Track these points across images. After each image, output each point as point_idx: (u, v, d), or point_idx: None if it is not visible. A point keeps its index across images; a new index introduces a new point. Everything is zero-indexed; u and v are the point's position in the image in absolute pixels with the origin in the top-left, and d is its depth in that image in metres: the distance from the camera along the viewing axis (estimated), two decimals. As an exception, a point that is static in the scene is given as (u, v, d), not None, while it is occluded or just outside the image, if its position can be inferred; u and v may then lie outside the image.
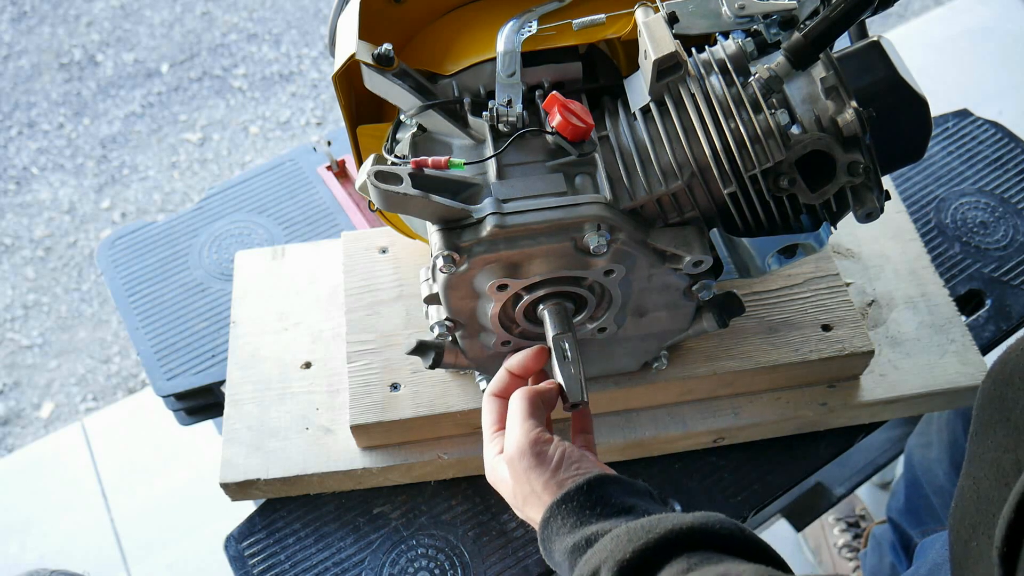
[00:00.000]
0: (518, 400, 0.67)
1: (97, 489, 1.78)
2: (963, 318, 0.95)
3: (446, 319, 0.75)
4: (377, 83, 0.73)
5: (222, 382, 0.97)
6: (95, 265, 2.17)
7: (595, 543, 0.57)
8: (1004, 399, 0.63)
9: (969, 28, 2.49)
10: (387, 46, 0.73)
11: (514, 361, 0.71)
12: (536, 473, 0.64)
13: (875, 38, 0.68)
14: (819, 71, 0.66)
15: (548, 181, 0.70)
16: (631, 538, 0.55)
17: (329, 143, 1.23)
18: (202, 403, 1.05)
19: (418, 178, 0.67)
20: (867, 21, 0.75)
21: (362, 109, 0.81)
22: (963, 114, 1.20)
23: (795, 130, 0.66)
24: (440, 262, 0.67)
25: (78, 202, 2.34)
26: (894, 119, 0.67)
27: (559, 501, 0.62)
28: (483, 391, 0.83)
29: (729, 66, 0.68)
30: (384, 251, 0.96)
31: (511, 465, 0.65)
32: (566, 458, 0.64)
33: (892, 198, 0.86)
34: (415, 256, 0.95)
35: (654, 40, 0.67)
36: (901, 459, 1.33)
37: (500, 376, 0.72)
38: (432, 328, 0.76)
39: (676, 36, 0.68)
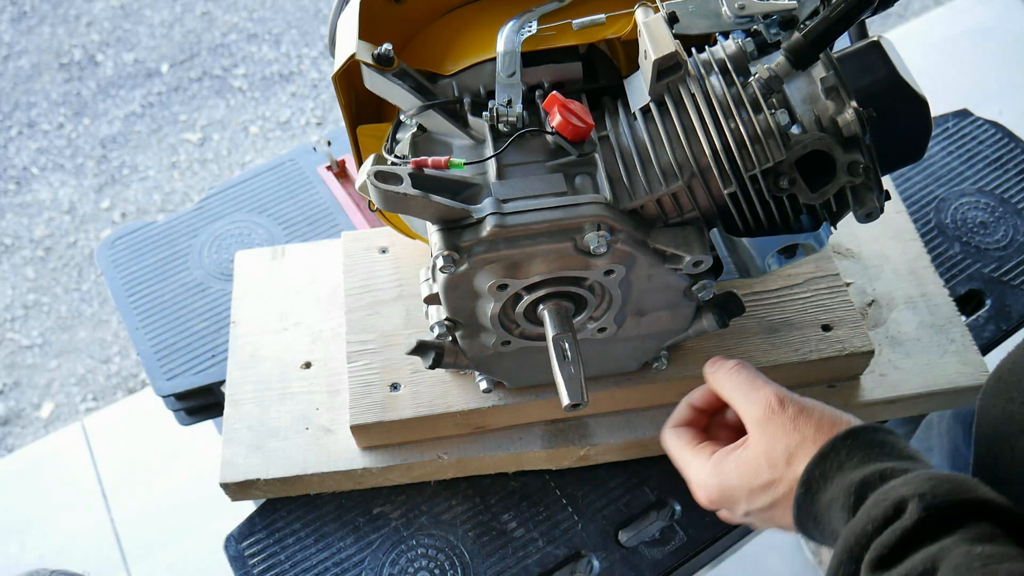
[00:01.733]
0: (743, 370, 0.65)
1: (97, 489, 1.78)
2: (963, 318, 0.95)
3: (446, 319, 0.75)
4: (377, 83, 0.73)
5: (222, 382, 0.97)
6: (95, 265, 2.17)
7: (893, 477, 0.54)
8: (1010, 414, 0.63)
9: (969, 28, 2.49)
10: (387, 46, 0.73)
11: (697, 395, 0.72)
12: (804, 417, 0.60)
13: (875, 38, 0.68)
14: (819, 71, 0.66)
15: (548, 181, 0.70)
16: (941, 482, 0.51)
17: (329, 143, 1.23)
18: (202, 403, 1.05)
19: (418, 178, 0.67)
20: (867, 21, 0.75)
21: (362, 109, 0.81)
22: (963, 114, 1.20)
23: (795, 130, 0.66)
24: (440, 262, 0.67)
25: (78, 202, 2.34)
26: (894, 119, 0.67)
27: (844, 435, 0.58)
28: (484, 391, 0.83)
29: (729, 66, 0.68)
30: (384, 251, 0.96)
31: (768, 422, 0.61)
32: (827, 407, 0.61)
33: (892, 198, 0.86)
34: (415, 256, 0.95)
35: (654, 40, 0.67)
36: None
37: (681, 409, 0.72)
38: (432, 328, 0.76)
39: (676, 36, 0.68)
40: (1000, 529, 0.50)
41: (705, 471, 0.66)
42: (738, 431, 0.70)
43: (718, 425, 0.74)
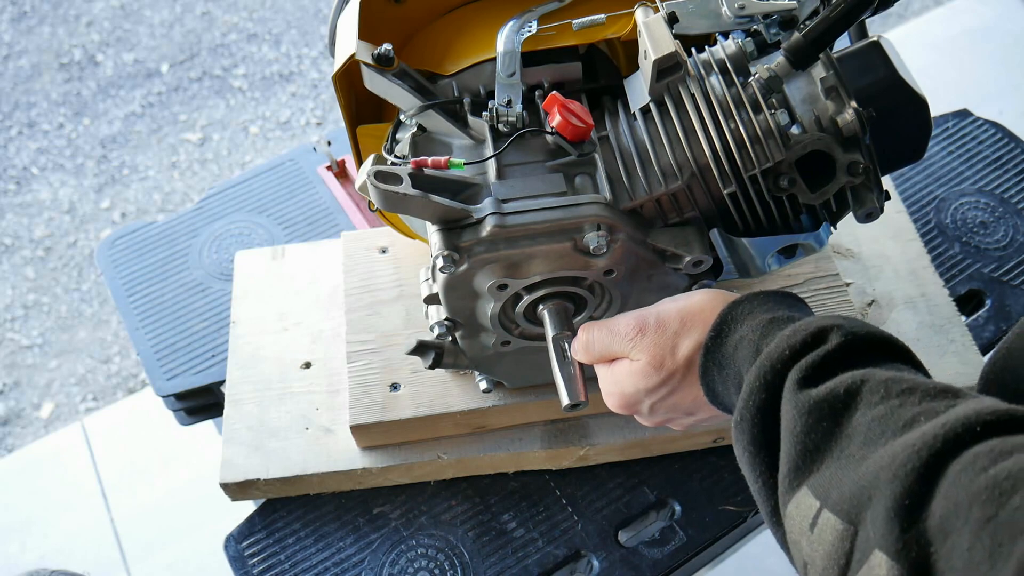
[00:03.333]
0: (591, 329, 0.67)
1: (97, 489, 1.78)
2: (963, 318, 0.95)
3: (446, 319, 0.75)
4: (377, 83, 0.73)
5: (222, 382, 0.97)
6: (95, 265, 2.17)
7: (801, 319, 0.55)
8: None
9: (969, 28, 2.49)
10: (387, 46, 0.73)
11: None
12: (666, 320, 0.62)
13: (875, 38, 0.68)
14: (819, 71, 0.66)
15: (548, 181, 0.70)
16: (855, 320, 0.53)
17: (329, 143, 1.23)
18: (202, 403, 1.05)
19: (418, 178, 0.67)
20: (867, 21, 0.75)
21: (362, 109, 0.81)
22: (963, 114, 1.20)
23: (795, 130, 0.66)
24: (440, 262, 0.67)
25: (78, 202, 2.34)
26: (894, 119, 0.67)
27: (747, 296, 0.60)
28: (484, 391, 0.83)
29: (729, 66, 0.68)
30: (384, 251, 0.96)
31: (639, 344, 0.63)
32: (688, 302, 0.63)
33: (892, 198, 0.86)
34: (415, 256, 0.95)
35: (654, 40, 0.67)
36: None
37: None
38: (432, 328, 0.76)
39: (676, 36, 0.68)
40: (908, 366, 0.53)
41: (610, 385, 0.67)
42: None
43: None
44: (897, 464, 0.44)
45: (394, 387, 0.86)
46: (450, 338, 0.78)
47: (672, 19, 0.69)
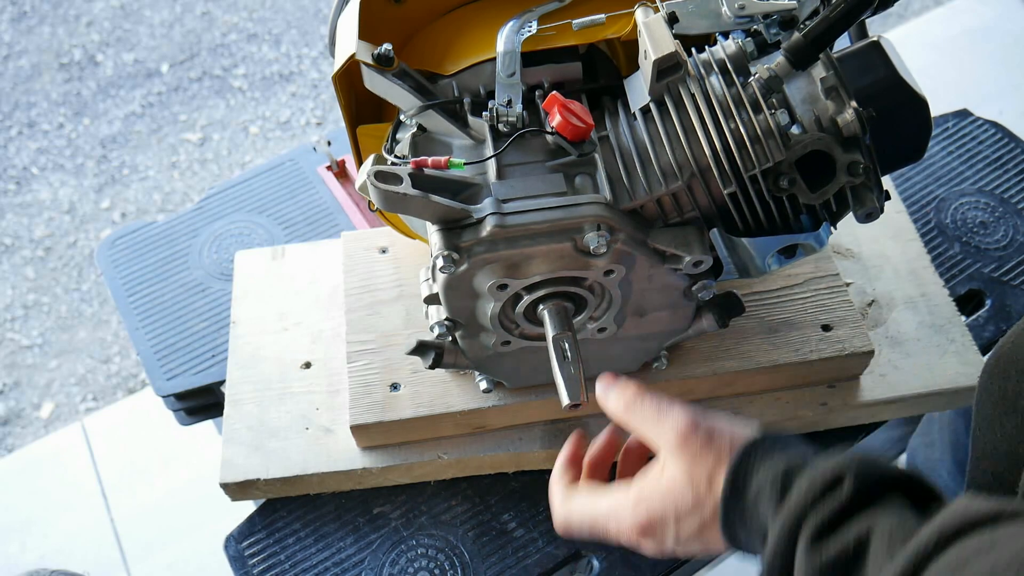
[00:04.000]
0: (646, 398, 0.64)
1: (97, 489, 1.78)
2: (963, 318, 0.95)
3: (446, 319, 0.75)
4: (377, 83, 0.73)
5: (222, 382, 0.97)
6: (95, 265, 2.17)
7: (817, 464, 0.55)
8: (1005, 392, 0.63)
9: (969, 28, 2.49)
10: (387, 46, 0.73)
11: (568, 450, 0.71)
12: (716, 437, 0.60)
13: (875, 38, 0.68)
14: (819, 71, 0.66)
15: (548, 181, 0.70)
16: (864, 459, 0.54)
17: (329, 143, 1.23)
18: (202, 403, 1.05)
19: (418, 178, 0.67)
20: (867, 21, 0.75)
21: (362, 109, 0.81)
22: (963, 114, 1.20)
23: (795, 130, 0.66)
24: (440, 262, 0.67)
25: (78, 202, 2.34)
26: (894, 119, 0.67)
27: (761, 437, 0.59)
28: (484, 391, 0.83)
29: (729, 66, 0.68)
30: (384, 251, 0.96)
31: (684, 447, 0.60)
32: (734, 424, 0.62)
33: (892, 198, 0.86)
34: (415, 256, 0.95)
35: (654, 40, 0.67)
36: (902, 459, 1.33)
37: (562, 467, 0.71)
38: (432, 328, 0.76)
39: (676, 36, 0.68)
40: (913, 501, 0.53)
41: (629, 504, 0.63)
42: (636, 457, 0.71)
43: (596, 465, 0.72)
44: None
45: (394, 387, 0.86)
46: (450, 338, 0.78)
47: (672, 19, 0.69)
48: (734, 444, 0.59)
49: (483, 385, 0.83)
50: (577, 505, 0.67)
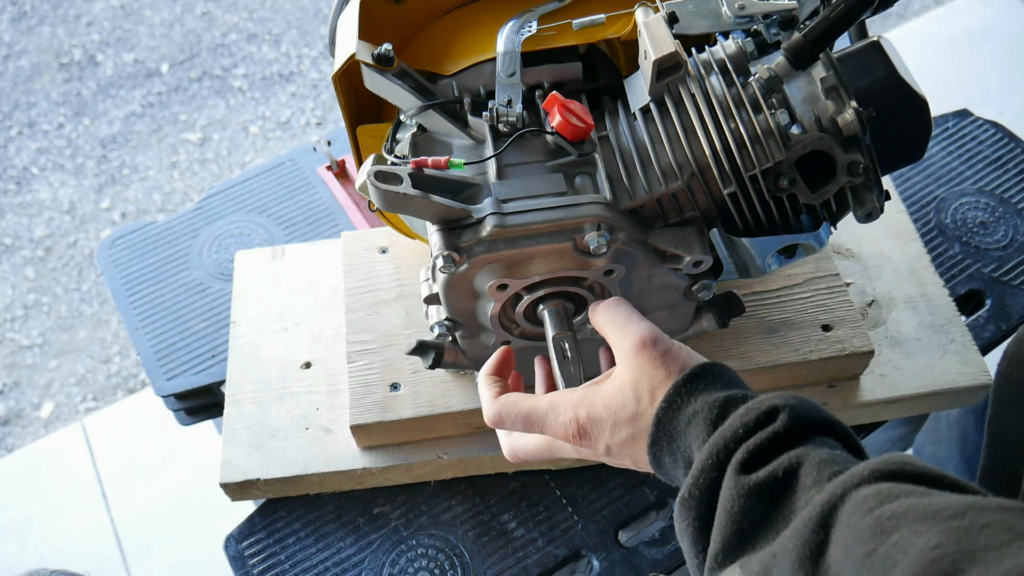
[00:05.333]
0: (621, 305, 0.64)
1: (97, 489, 1.78)
2: (963, 318, 0.95)
3: (446, 319, 0.75)
4: (377, 83, 0.73)
5: (222, 382, 0.97)
6: (95, 265, 2.17)
7: (758, 398, 0.55)
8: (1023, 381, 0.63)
9: (969, 28, 2.49)
10: (387, 46, 0.73)
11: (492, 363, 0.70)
12: (671, 356, 0.60)
13: (875, 38, 0.68)
14: (819, 71, 0.66)
15: (548, 181, 0.70)
16: (802, 400, 0.54)
17: (329, 143, 1.23)
18: (202, 403, 1.05)
19: (418, 178, 0.67)
20: (867, 21, 0.75)
21: (362, 109, 0.81)
22: (963, 114, 1.20)
23: (795, 130, 0.66)
24: (440, 262, 0.67)
25: (78, 202, 2.34)
26: (894, 119, 0.67)
27: (708, 364, 0.59)
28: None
29: (729, 66, 0.68)
30: (384, 251, 0.96)
31: (637, 355, 0.60)
32: (692, 351, 0.62)
33: (892, 198, 0.86)
34: (415, 256, 0.95)
35: (654, 40, 0.67)
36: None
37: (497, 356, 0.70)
38: (432, 328, 0.76)
39: (676, 36, 0.68)
40: (845, 447, 0.54)
41: (572, 402, 0.63)
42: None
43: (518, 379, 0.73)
44: (800, 521, 0.46)
45: (394, 387, 0.86)
46: (450, 338, 0.78)
47: (672, 19, 0.69)
48: (685, 366, 0.60)
49: (483, 385, 0.83)
50: (512, 399, 0.66)
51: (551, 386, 0.72)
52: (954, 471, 1.12)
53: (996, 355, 0.98)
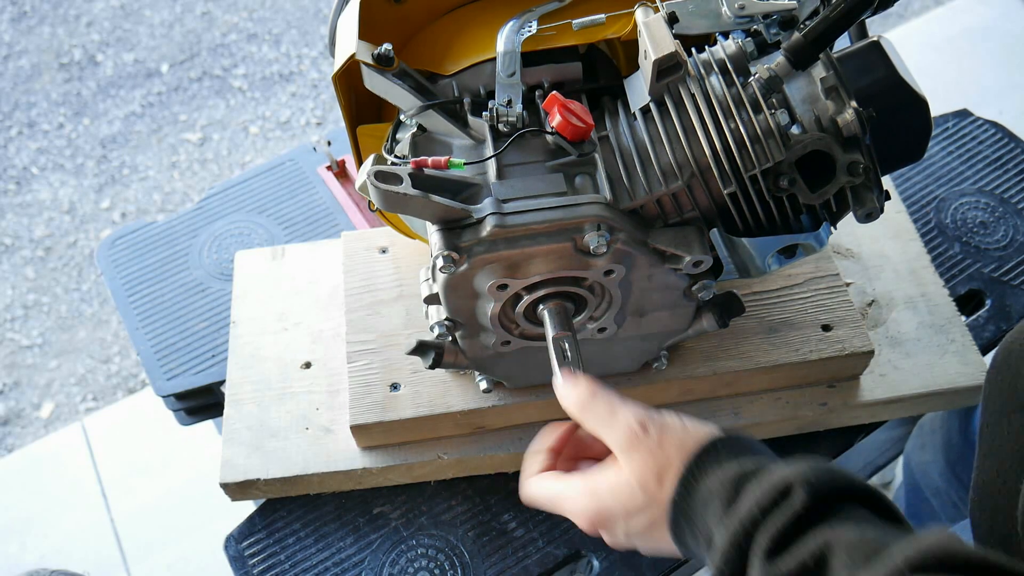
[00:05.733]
0: (598, 396, 0.63)
1: (97, 489, 1.78)
2: (963, 318, 0.95)
3: (446, 319, 0.75)
4: (377, 83, 0.73)
5: (222, 382, 0.97)
6: (95, 265, 2.17)
7: (771, 471, 0.54)
8: (1015, 389, 0.63)
9: (969, 28, 2.49)
10: (387, 46, 0.73)
11: (549, 437, 0.69)
12: (668, 436, 0.59)
13: (875, 38, 0.68)
14: (819, 71, 0.66)
15: (548, 181, 0.70)
16: (819, 469, 0.52)
17: (329, 143, 1.23)
18: (202, 403, 1.05)
19: (418, 178, 0.67)
20: (867, 21, 0.75)
21: (362, 109, 0.81)
22: (963, 114, 1.20)
23: (795, 130, 0.66)
24: (440, 262, 0.67)
25: (78, 202, 2.34)
26: (894, 119, 0.67)
27: (718, 439, 0.58)
28: (483, 391, 0.83)
29: (729, 66, 0.68)
30: (384, 251, 0.96)
31: (633, 448, 0.59)
32: (689, 420, 0.61)
33: (892, 198, 0.86)
34: (415, 256, 0.95)
35: (654, 40, 0.67)
36: (901, 460, 1.33)
37: (536, 461, 0.69)
38: (432, 328, 0.76)
39: (676, 36, 0.68)
40: (871, 512, 0.52)
41: (582, 497, 0.63)
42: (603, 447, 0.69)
43: (577, 445, 0.71)
44: None
45: (394, 387, 0.86)
46: (450, 338, 0.78)
47: (672, 19, 0.69)
48: (685, 444, 0.59)
49: (483, 385, 0.83)
50: (541, 481, 0.67)
51: (564, 449, 0.70)
52: (938, 476, 1.13)
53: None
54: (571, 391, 0.65)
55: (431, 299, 0.76)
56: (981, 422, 0.66)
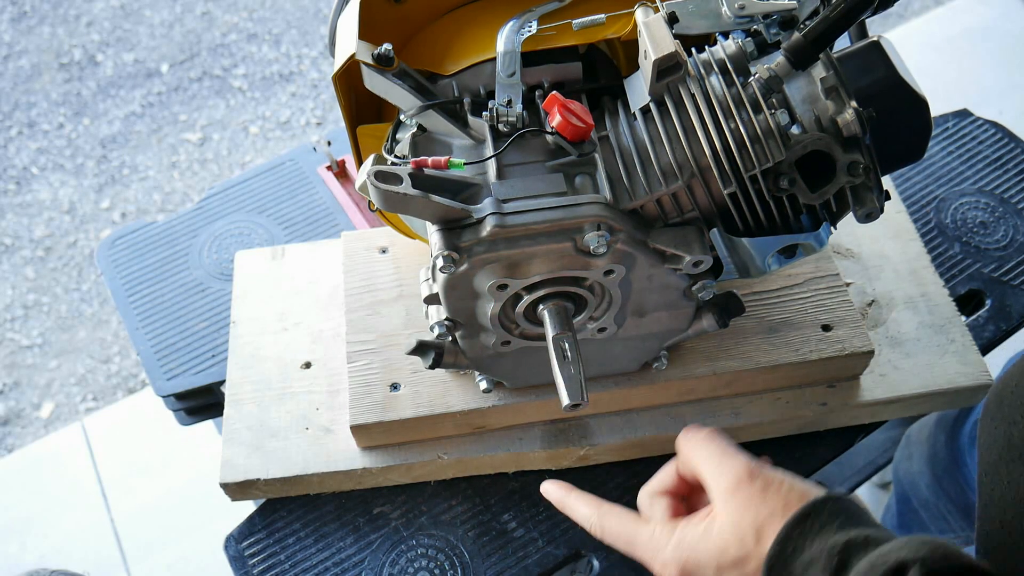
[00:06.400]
0: (714, 439, 0.62)
1: (97, 489, 1.78)
2: (963, 318, 0.95)
3: (446, 319, 0.75)
4: (377, 83, 0.73)
5: (222, 382, 0.97)
6: (95, 265, 2.17)
7: (879, 543, 0.51)
8: (1011, 438, 0.62)
9: (969, 28, 2.49)
10: (387, 46, 0.73)
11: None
12: (772, 490, 0.57)
13: (875, 38, 0.68)
14: (819, 71, 0.66)
15: (548, 181, 0.70)
16: (935, 547, 0.49)
17: (329, 143, 1.23)
18: (202, 403, 1.05)
19: (418, 178, 0.67)
20: (867, 21, 0.75)
21: (362, 109, 0.81)
22: (963, 114, 1.20)
23: (795, 130, 0.66)
24: (440, 262, 0.67)
25: (78, 202, 2.34)
26: (894, 119, 0.67)
27: (824, 499, 0.55)
28: (484, 391, 0.83)
29: (729, 66, 0.68)
30: (384, 251, 0.96)
31: (735, 493, 0.57)
32: (795, 479, 0.58)
33: (892, 198, 0.86)
34: (415, 256, 0.95)
35: (654, 40, 0.67)
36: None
37: (667, 475, 0.68)
38: (432, 328, 0.76)
39: (676, 36, 0.68)
40: None
41: (671, 543, 0.60)
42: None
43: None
44: None
45: (394, 387, 0.86)
46: (450, 338, 0.78)
47: (672, 19, 0.69)
48: (790, 501, 0.56)
49: (483, 385, 0.83)
50: (615, 516, 0.65)
51: (672, 489, 0.67)
52: (925, 488, 1.12)
53: (996, 355, 0.98)
54: (691, 432, 0.64)
55: (431, 299, 0.76)
56: (979, 471, 0.65)
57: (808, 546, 0.53)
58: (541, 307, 0.73)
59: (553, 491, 0.70)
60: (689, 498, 0.69)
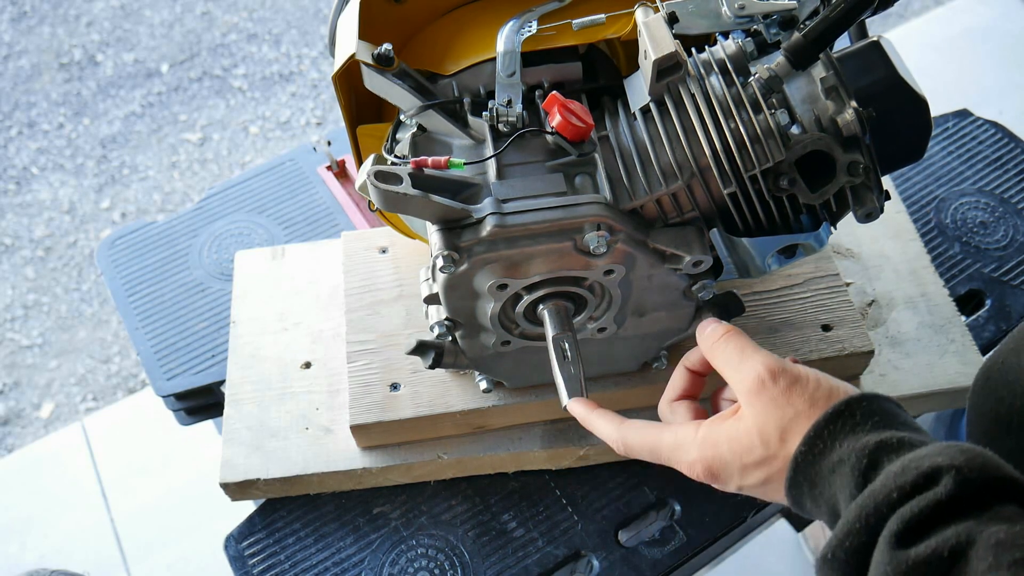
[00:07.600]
0: (732, 339, 0.60)
1: (97, 489, 1.78)
2: (963, 318, 0.95)
3: (446, 319, 0.75)
4: (377, 83, 0.73)
5: (222, 382, 0.97)
6: (95, 265, 2.17)
7: (914, 446, 0.49)
8: (998, 414, 0.62)
9: (969, 28, 2.49)
10: (387, 46, 0.73)
11: (693, 357, 0.67)
12: (798, 389, 0.55)
13: (875, 38, 0.68)
14: (819, 71, 0.66)
15: (548, 181, 0.70)
16: (974, 456, 0.47)
17: (329, 143, 1.23)
18: (202, 403, 1.05)
19: (418, 178, 0.67)
20: (867, 21, 0.75)
21: (362, 109, 0.81)
22: (963, 114, 1.20)
23: (795, 130, 0.66)
24: (440, 262, 0.67)
25: (78, 202, 2.34)
26: (894, 119, 0.67)
27: (859, 398, 0.53)
28: (484, 391, 0.83)
29: (729, 66, 0.68)
30: (384, 251, 0.96)
31: (759, 395, 0.56)
32: (823, 375, 0.56)
33: (892, 198, 0.86)
34: (415, 256, 0.95)
35: (654, 40, 0.67)
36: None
37: (678, 377, 0.68)
38: (432, 328, 0.76)
39: (676, 36, 0.68)
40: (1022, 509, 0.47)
41: (696, 443, 0.60)
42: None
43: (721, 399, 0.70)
44: None
45: (394, 387, 0.86)
46: (450, 338, 0.78)
47: (672, 19, 0.69)
48: (817, 400, 0.54)
49: (483, 385, 0.83)
50: (636, 429, 0.64)
51: (688, 391, 0.69)
52: None
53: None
54: (709, 329, 0.64)
55: (431, 299, 0.76)
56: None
57: (838, 446, 0.52)
58: (541, 307, 0.73)
59: (578, 409, 0.69)
60: (712, 397, 0.69)
